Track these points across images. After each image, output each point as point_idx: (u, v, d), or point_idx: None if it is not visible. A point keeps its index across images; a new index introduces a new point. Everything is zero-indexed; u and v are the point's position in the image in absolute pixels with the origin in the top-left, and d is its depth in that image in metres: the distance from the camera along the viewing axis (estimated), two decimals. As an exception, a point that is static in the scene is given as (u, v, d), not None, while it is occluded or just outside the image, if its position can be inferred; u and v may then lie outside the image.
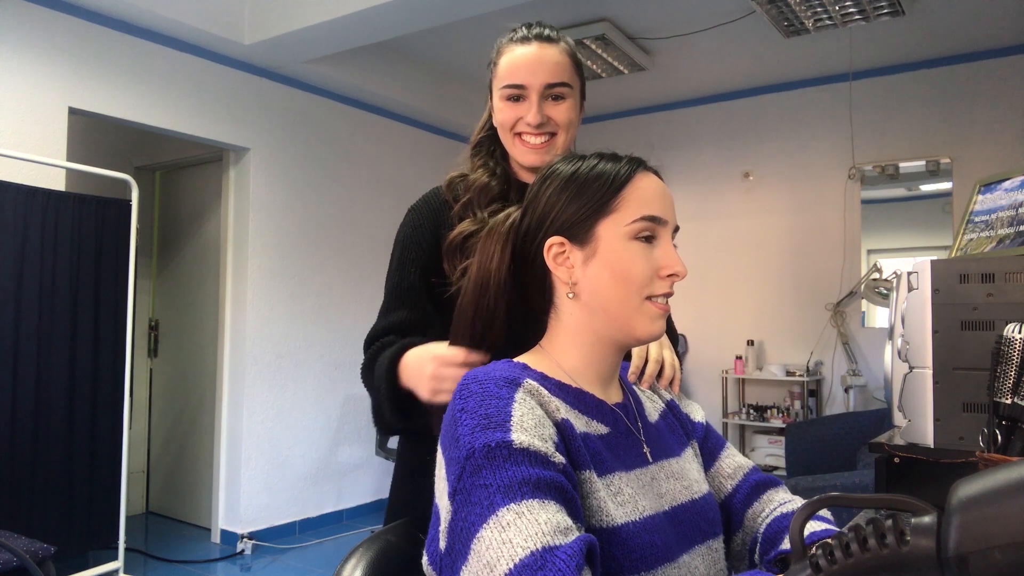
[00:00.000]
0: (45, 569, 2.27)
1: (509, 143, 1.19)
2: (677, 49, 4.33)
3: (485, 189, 1.18)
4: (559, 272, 0.82)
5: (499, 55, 1.18)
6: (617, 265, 0.80)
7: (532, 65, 1.14)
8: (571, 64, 1.18)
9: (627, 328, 0.81)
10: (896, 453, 1.27)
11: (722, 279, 5.09)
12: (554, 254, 0.82)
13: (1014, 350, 0.99)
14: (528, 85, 1.14)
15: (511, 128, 1.17)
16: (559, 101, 1.16)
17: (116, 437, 3.18)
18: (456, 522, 0.65)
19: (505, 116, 1.16)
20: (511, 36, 1.20)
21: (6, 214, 2.83)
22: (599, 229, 0.81)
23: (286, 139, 4.13)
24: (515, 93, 1.15)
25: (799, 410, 4.66)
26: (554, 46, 1.16)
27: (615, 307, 0.80)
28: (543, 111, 1.15)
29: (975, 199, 1.51)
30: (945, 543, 0.44)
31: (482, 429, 0.68)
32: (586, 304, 0.82)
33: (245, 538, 3.87)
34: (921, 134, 4.47)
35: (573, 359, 0.83)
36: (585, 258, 0.81)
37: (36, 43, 3.11)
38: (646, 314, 0.81)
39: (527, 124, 1.14)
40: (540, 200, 0.84)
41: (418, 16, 3.32)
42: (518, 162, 1.21)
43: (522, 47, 1.16)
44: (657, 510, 0.78)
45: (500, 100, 1.17)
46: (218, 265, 4.10)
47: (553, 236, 0.82)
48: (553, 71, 1.15)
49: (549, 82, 1.15)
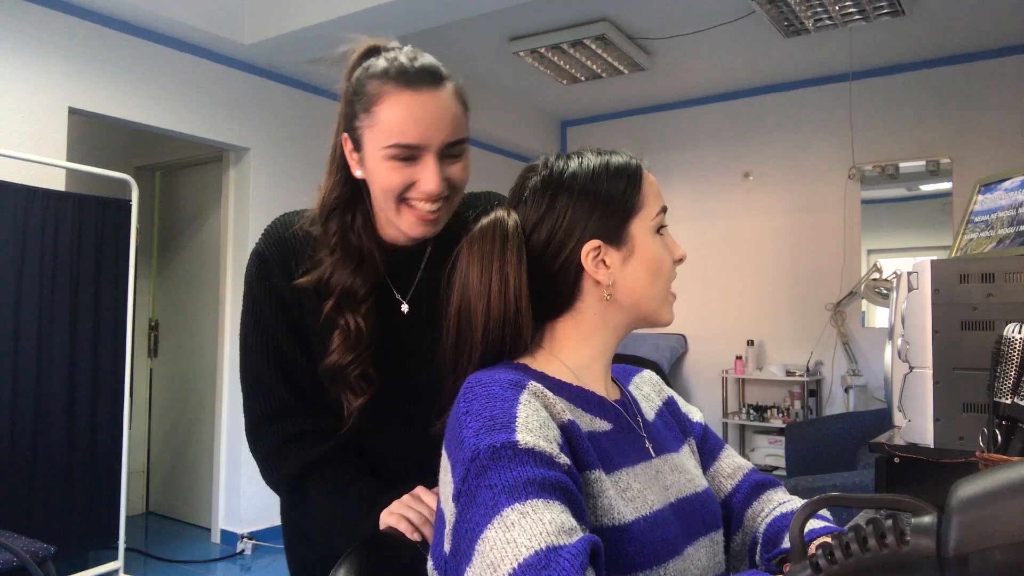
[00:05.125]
0: (45, 569, 2.27)
1: (391, 210, 0.96)
2: (677, 49, 4.33)
3: (349, 294, 0.99)
4: (599, 276, 0.80)
5: (375, 99, 0.92)
6: (652, 260, 0.82)
7: (428, 121, 0.92)
8: (464, 111, 0.97)
9: (654, 318, 0.85)
10: (896, 453, 1.27)
11: (722, 279, 5.09)
12: (591, 259, 0.80)
13: (1014, 350, 0.99)
14: (425, 145, 0.92)
15: (398, 195, 0.94)
16: (457, 159, 0.96)
17: (116, 437, 3.17)
18: (461, 524, 0.65)
19: (392, 181, 0.93)
20: (383, 69, 0.93)
21: (6, 214, 2.83)
22: (632, 228, 0.82)
23: (286, 139, 4.13)
24: (408, 154, 0.92)
25: (799, 410, 4.66)
26: (444, 89, 0.94)
27: (647, 301, 0.83)
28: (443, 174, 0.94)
29: (975, 199, 1.51)
30: (945, 543, 0.44)
31: (487, 431, 0.67)
32: (618, 302, 0.82)
33: (245, 538, 3.87)
34: (921, 134, 4.47)
35: (582, 356, 0.83)
36: (623, 258, 0.81)
37: (36, 43, 3.11)
38: (669, 304, 0.85)
39: (425, 193, 0.93)
40: (558, 207, 0.81)
41: (418, 16, 3.32)
42: (403, 232, 0.99)
43: (410, 94, 0.91)
44: (664, 503, 0.78)
45: (383, 160, 0.92)
46: (218, 265, 4.10)
47: (590, 241, 0.80)
48: (452, 127, 0.94)
49: (449, 141, 0.94)
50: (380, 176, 0.94)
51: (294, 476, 1.02)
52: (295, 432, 1.02)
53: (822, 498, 0.54)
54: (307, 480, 1.01)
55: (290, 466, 1.01)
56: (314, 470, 1.01)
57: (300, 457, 1.01)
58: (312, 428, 1.03)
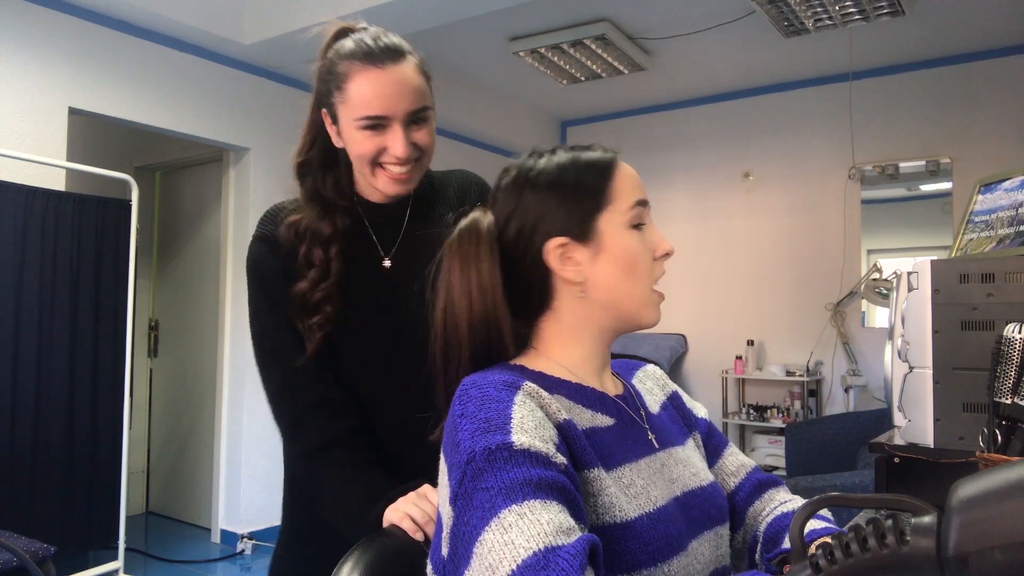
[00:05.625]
0: (45, 569, 2.27)
1: (367, 173, 1.09)
2: (677, 49, 4.33)
3: (316, 233, 1.10)
4: (565, 273, 0.80)
5: (345, 77, 1.04)
6: (624, 256, 0.79)
7: (392, 93, 1.03)
8: (426, 82, 1.09)
9: (636, 319, 0.82)
10: (896, 453, 1.27)
11: (722, 279, 5.09)
12: (558, 256, 0.79)
13: (1014, 350, 0.99)
14: (391, 115, 1.04)
15: (371, 159, 1.07)
16: (422, 125, 1.08)
17: (116, 437, 3.18)
18: (458, 527, 0.65)
19: (365, 148, 1.06)
20: (351, 49, 1.05)
21: (6, 214, 2.83)
22: (600, 223, 0.80)
23: (286, 139, 4.08)
24: (376, 123, 1.04)
25: (799, 410, 4.66)
26: (406, 63, 1.05)
27: (625, 300, 0.80)
28: (409, 139, 1.06)
29: (975, 199, 1.51)
30: (945, 543, 0.44)
31: (482, 433, 0.67)
32: (595, 300, 0.80)
33: (245, 538, 3.87)
34: (921, 134, 4.47)
35: (575, 355, 0.83)
36: (593, 255, 0.79)
37: (36, 43, 3.11)
38: (653, 304, 0.82)
39: (395, 157, 1.06)
40: (525, 204, 0.80)
41: (418, 16, 3.32)
42: (380, 191, 1.11)
43: (374, 70, 1.03)
44: (669, 497, 0.78)
45: (356, 130, 1.05)
46: (218, 265, 4.10)
47: (554, 238, 0.79)
48: (414, 97, 1.05)
49: (412, 109, 1.05)
50: (355, 144, 1.07)
51: (311, 449, 1.06)
52: (314, 402, 1.08)
53: (822, 498, 0.54)
54: (319, 457, 1.06)
55: (308, 439, 1.07)
56: (327, 449, 1.06)
57: (316, 432, 1.06)
58: (330, 399, 1.09)
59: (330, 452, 1.05)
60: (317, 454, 1.06)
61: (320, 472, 1.06)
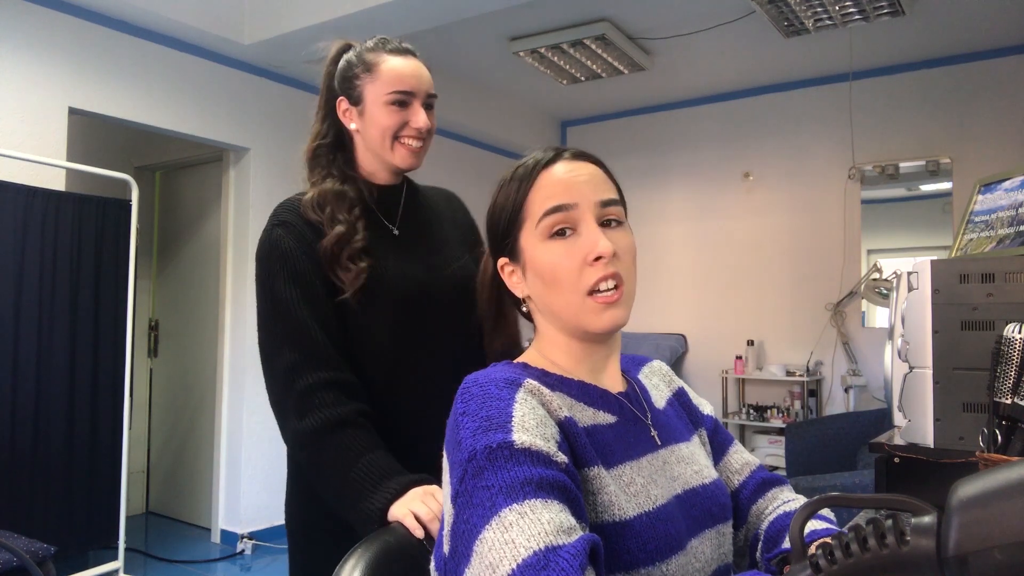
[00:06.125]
0: (45, 569, 2.27)
1: (386, 149, 1.22)
2: (677, 49, 4.33)
3: (341, 195, 1.21)
4: (514, 290, 0.85)
5: (375, 62, 1.21)
6: (543, 271, 0.80)
7: (417, 74, 1.22)
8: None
9: (581, 328, 0.80)
10: (896, 453, 1.27)
11: (722, 279, 5.09)
12: (507, 274, 0.86)
13: (1014, 350, 0.99)
14: (416, 92, 1.22)
15: (394, 132, 1.21)
16: (431, 111, 1.26)
17: (116, 437, 3.18)
18: (458, 525, 0.65)
19: (391, 120, 1.20)
20: (375, 45, 1.24)
21: (6, 214, 2.83)
22: (521, 240, 0.82)
23: (286, 139, 4.12)
24: (403, 99, 1.20)
25: (799, 410, 4.66)
26: (420, 59, 1.26)
27: (562, 311, 0.80)
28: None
29: (975, 199, 1.51)
30: (945, 543, 0.44)
31: (483, 431, 0.67)
32: (543, 312, 0.84)
33: (245, 538, 3.87)
34: (921, 134, 4.47)
35: (561, 358, 0.83)
36: (524, 271, 0.83)
37: (36, 43, 3.11)
38: (591, 311, 0.78)
39: (415, 129, 1.21)
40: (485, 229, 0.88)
41: (418, 16, 3.32)
42: (395, 165, 1.24)
43: (400, 58, 1.22)
44: (670, 495, 0.78)
45: (384, 105, 1.20)
46: (218, 265, 4.10)
47: (501, 258, 0.85)
48: (429, 83, 1.25)
49: (430, 92, 1.24)
50: (381, 118, 1.21)
51: (321, 425, 1.08)
52: (329, 379, 1.11)
53: (822, 498, 0.54)
54: (328, 435, 1.07)
55: (319, 414, 1.09)
56: (339, 425, 1.08)
57: (328, 408, 1.09)
58: (344, 380, 1.12)
59: (342, 430, 1.08)
60: (326, 431, 1.07)
61: (327, 450, 1.07)
